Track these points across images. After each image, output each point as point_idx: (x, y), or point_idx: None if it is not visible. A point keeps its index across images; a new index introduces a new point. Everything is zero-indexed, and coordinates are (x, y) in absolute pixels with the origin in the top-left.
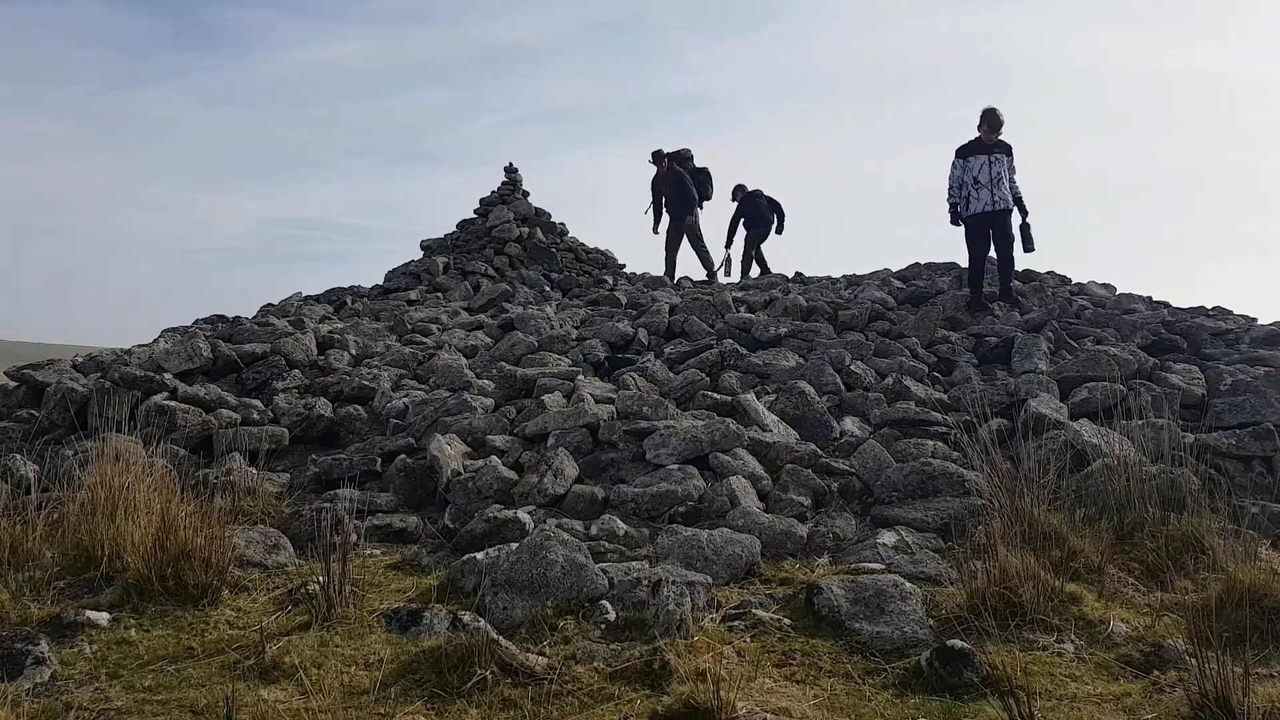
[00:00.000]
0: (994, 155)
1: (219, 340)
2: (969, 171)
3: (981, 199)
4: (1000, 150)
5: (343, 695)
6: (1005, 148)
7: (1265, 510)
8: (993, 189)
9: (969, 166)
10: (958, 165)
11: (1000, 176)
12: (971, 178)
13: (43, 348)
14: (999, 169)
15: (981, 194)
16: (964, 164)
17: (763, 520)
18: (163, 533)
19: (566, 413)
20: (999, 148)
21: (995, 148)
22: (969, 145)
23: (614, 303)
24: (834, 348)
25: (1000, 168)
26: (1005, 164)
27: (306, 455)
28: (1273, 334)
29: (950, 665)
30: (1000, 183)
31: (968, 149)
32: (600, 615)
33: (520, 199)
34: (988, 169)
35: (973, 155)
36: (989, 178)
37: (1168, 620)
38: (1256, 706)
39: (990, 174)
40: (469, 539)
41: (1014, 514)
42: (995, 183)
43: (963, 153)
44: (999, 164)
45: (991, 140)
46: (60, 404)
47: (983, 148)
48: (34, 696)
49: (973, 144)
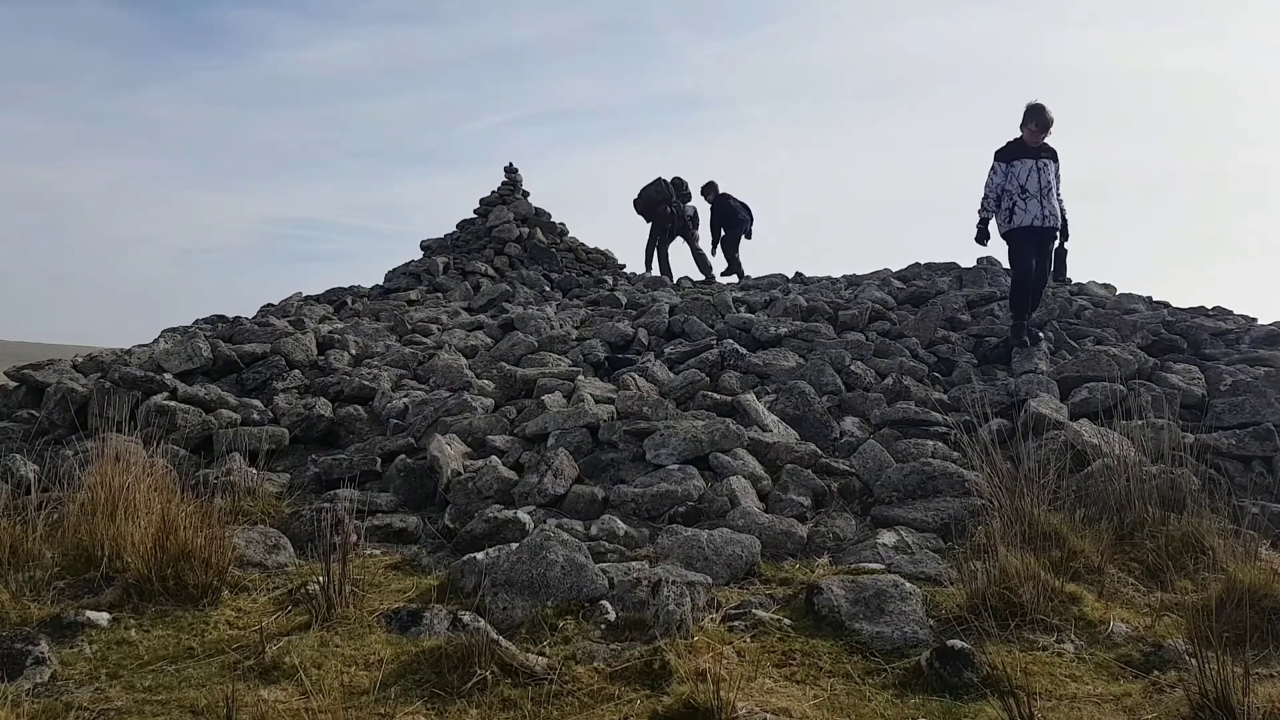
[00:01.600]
0: (1041, 160)
1: (219, 340)
2: (1014, 179)
3: (1030, 211)
4: (1046, 154)
5: (343, 695)
6: (1051, 153)
7: (1265, 510)
8: (1042, 200)
9: (1013, 173)
10: (999, 171)
11: (1049, 186)
12: (1017, 186)
13: (43, 348)
14: (1047, 177)
15: (1030, 205)
16: (1007, 169)
17: (763, 520)
18: (163, 533)
19: (566, 413)
20: (1045, 152)
21: (1041, 151)
22: (1012, 147)
23: (614, 303)
24: (834, 348)
25: (1048, 175)
26: (1052, 171)
27: (306, 455)
28: (1273, 334)
29: (950, 665)
30: (1050, 194)
31: (1011, 151)
32: (600, 615)
33: (520, 199)
34: (1036, 176)
35: (1018, 159)
36: (1038, 186)
37: (1168, 620)
38: (1256, 706)
39: (1039, 182)
40: (469, 539)
41: (1014, 514)
42: (1045, 193)
43: (1005, 156)
44: (1047, 171)
45: (1037, 143)
46: (60, 404)
47: (1028, 151)
48: (34, 696)
49: (1015, 146)
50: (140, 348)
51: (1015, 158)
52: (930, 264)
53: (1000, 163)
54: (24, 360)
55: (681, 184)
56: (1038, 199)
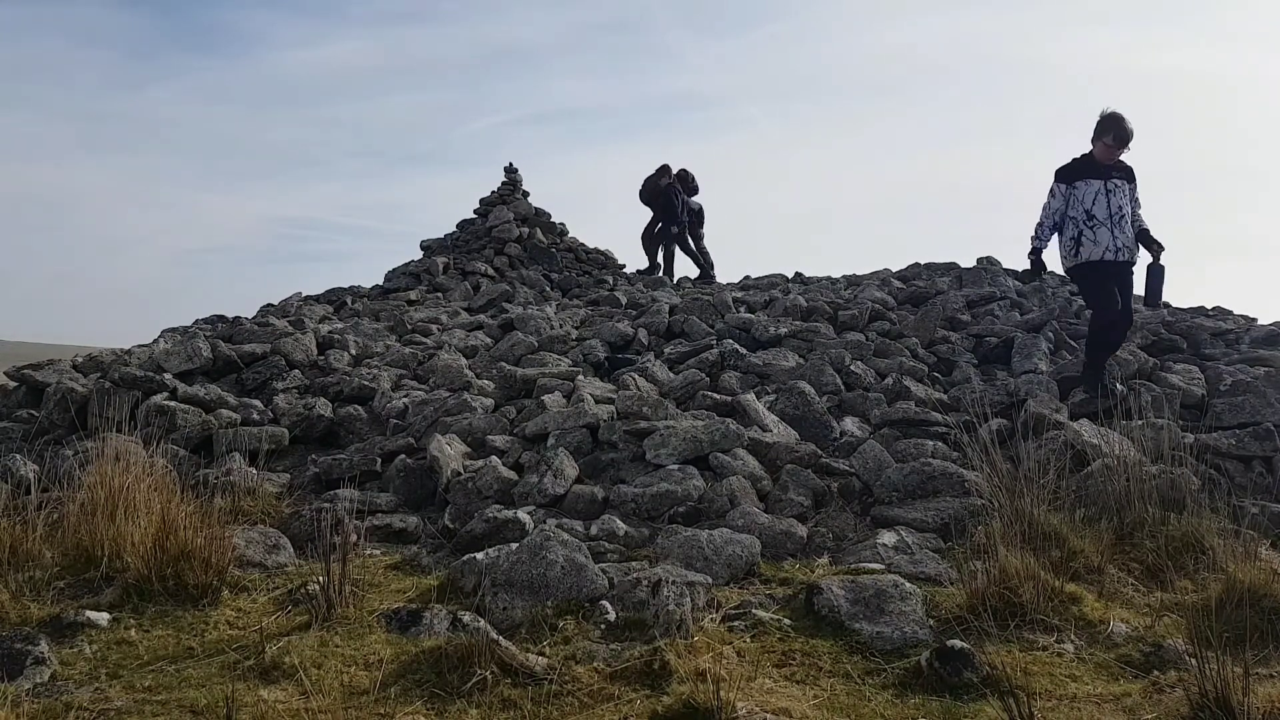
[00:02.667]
0: (1113, 180)
1: (219, 340)
2: (1078, 203)
3: (1101, 242)
4: (1120, 174)
5: (343, 695)
6: (1126, 171)
7: (1265, 510)
8: (1114, 228)
9: (1077, 196)
10: (1058, 193)
11: (1122, 211)
12: (1083, 212)
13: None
14: (1120, 200)
15: (1100, 235)
16: (1069, 191)
17: (763, 520)
18: (163, 533)
19: (566, 413)
20: (1118, 171)
21: (1114, 170)
22: (1076, 165)
23: (614, 303)
24: (834, 348)
25: (1122, 199)
26: (1127, 194)
27: (306, 455)
28: (1273, 334)
29: (950, 665)
30: (1123, 221)
31: (1075, 170)
32: (600, 615)
33: (520, 199)
34: (1105, 200)
35: (1083, 180)
36: (1108, 212)
37: (1168, 620)
38: (1256, 706)
39: (1110, 207)
40: (469, 539)
41: (1014, 514)
42: (1117, 220)
43: (1067, 176)
44: (1119, 194)
45: (1110, 159)
46: (60, 404)
47: (1096, 170)
48: (34, 696)
49: (1082, 164)
50: (140, 348)
51: (1079, 178)
52: (930, 264)
53: (1060, 184)
54: (24, 360)
55: (688, 176)
56: (1108, 227)
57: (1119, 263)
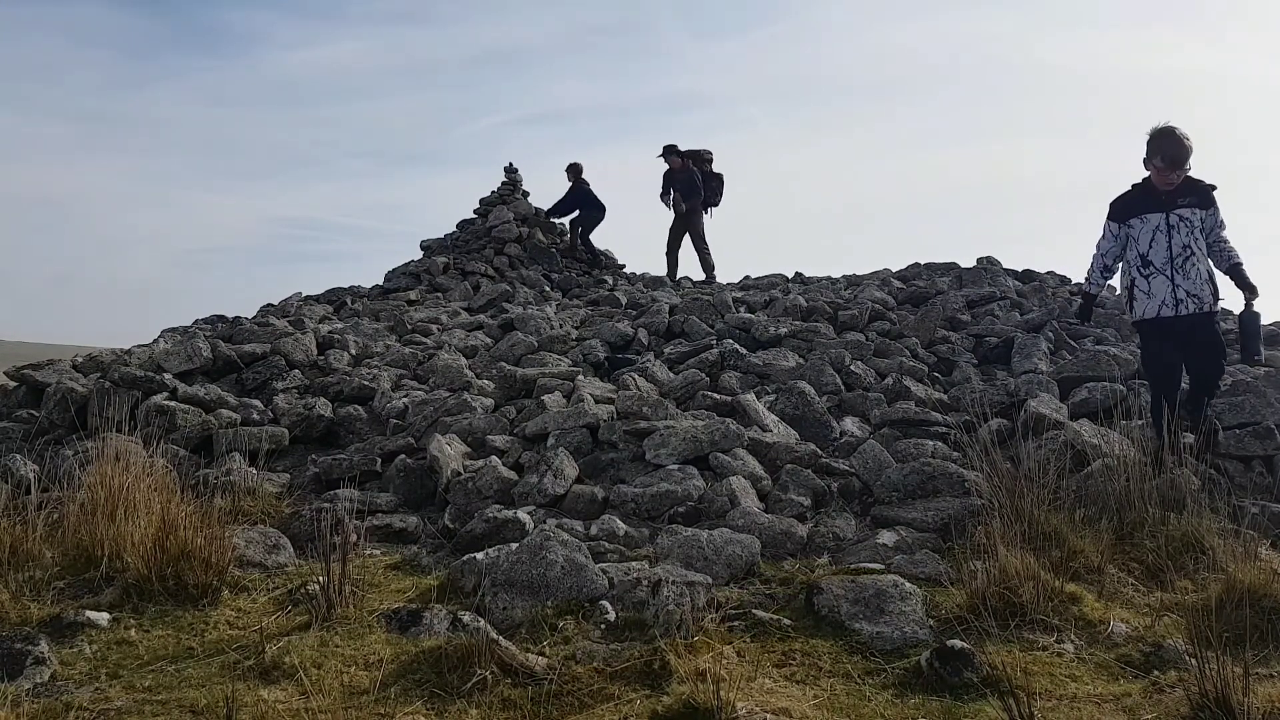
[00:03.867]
0: (1178, 212)
1: (219, 340)
2: (1133, 245)
3: (1155, 294)
4: (1189, 201)
5: (343, 695)
6: (1199, 195)
7: (1265, 510)
8: (1175, 274)
9: (1132, 236)
10: (1109, 233)
11: (1188, 251)
12: (1138, 255)
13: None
14: (1186, 237)
15: (1155, 285)
16: (1122, 230)
17: (763, 520)
18: (163, 533)
19: (566, 413)
20: (1184, 197)
21: (1179, 196)
22: (1130, 198)
23: (614, 303)
24: (834, 348)
25: (1190, 234)
26: (1197, 225)
27: (306, 455)
28: (1273, 334)
29: (950, 665)
30: (1188, 263)
31: (1129, 204)
32: (600, 615)
33: (520, 199)
34: (1164, 239)
35: (1138, 215)
36: (1167, 255)
37: (1168, 620)
38: (1256, 706)
39: (1170, 247)
40: (469, 539)
41: (1014, 514)
42: (1180, 263)
43: (1120, 211)
44: (1186, 228)
45: (1170, 184)
46: (60, 404)
47: (1155, 200)
48: (34, 696)
49: (1137, 195)
50: (140, 348)
51: (1134, 213)
52: (930, 264)
53: (1112, 222)
54: (24, 360)
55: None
56: (1166, 275)
57: (1179, 318)
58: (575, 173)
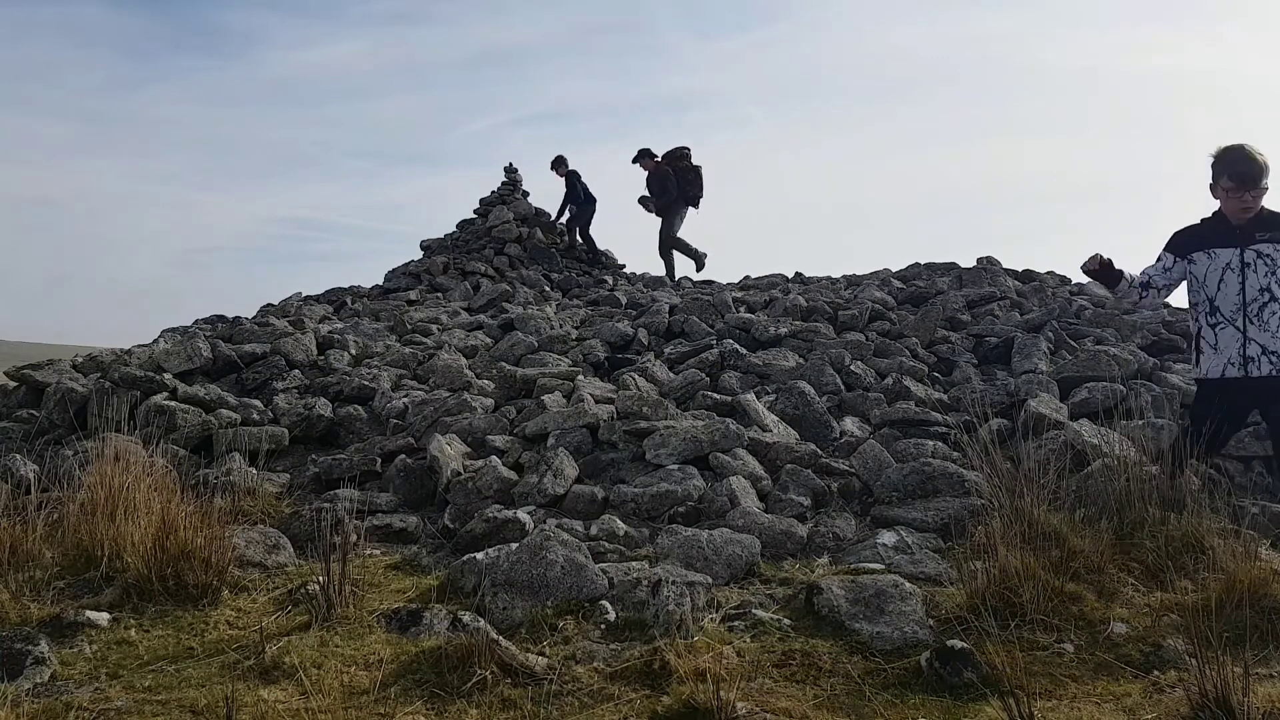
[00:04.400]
0: (1254, 248)
1: (219, 340)
2: (1199, 286)
3: (1223, 348)
4: (1270, 236)
5: (343, 695)
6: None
7: (1265, 510)
8: (1246, 324)
9: (1197, 274)
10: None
11: (1268, 295)
12: (1205, 300)
13: (43, 348)
14: (1265, 279)
15: (1224, 338)
16: (1182, 265)
17: (763, 520)
18: (163, 533)
19: (566, 413)
20: (1266, 229)
21: (1256, 229)
22: (1198, 230)
23: (614, 303)
24: (834, 348)
25: (1269, 275)
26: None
27: (306, 455)
28: None
29: (950, 665)
30: (1269, 309)
31: (1195, 237)
32: (600, 615)
33: (520, 199)
34: (1237, 279)
35: (1206, 250)
36: (1239, 300)
37: (1168, 620)
38: (1256, 706)
39: (1245, 290)
40: (469, 539)
41: (1014, 514)
42: (1256, 310)
43: (1182, 245)
44: (1265, 267)
45: (1247, 210)
46: (60, 404)
47: (1228, 233)
48: (34, 696)
49: (1207, 227)
50: (140, 348)
51: (1200, 246)
52: (930, 264)
53: (1169, 254)
54: (24, 360)
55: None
56: (1237, 325)
57: (1249, 379)
58: (563, 165)
